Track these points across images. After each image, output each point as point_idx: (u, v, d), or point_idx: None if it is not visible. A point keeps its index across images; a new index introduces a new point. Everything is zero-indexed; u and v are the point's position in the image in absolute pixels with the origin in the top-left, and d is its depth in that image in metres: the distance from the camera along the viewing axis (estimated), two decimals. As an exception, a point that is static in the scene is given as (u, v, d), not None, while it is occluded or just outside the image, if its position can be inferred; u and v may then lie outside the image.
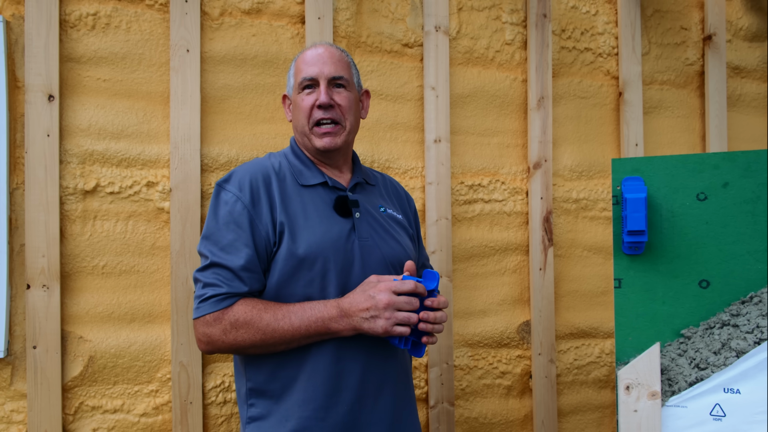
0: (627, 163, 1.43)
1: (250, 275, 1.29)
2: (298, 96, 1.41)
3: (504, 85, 2.22)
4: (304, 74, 1.39)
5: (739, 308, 1.34)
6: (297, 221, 1.32)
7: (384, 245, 1.40)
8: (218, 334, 1.27)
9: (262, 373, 1.33)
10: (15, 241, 1.71)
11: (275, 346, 1.28)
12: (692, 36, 2.44)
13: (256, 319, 1.26)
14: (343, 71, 1.41)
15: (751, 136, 2.50)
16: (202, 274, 1.30)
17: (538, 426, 2.18)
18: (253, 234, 1.29)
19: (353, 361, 1.32)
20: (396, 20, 2.10)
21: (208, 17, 1.90)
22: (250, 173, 1.35)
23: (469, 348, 2.15)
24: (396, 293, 1.24)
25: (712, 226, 1.38)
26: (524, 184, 2.23)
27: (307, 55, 1.41)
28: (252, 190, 1.32)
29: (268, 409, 1.32)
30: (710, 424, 1.29)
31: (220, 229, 1.30)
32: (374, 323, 1.24)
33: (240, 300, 1.28)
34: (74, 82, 1.77)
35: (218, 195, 1.34)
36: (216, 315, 1.27)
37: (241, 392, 1.38)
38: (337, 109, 1.39)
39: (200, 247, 1.33)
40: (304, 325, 1.26)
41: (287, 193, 1.35)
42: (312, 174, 1.40)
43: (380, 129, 2.07)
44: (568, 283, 2.27)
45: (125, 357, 1.79)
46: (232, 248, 1.28)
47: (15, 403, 1.70)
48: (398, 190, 1.61)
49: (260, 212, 1.31)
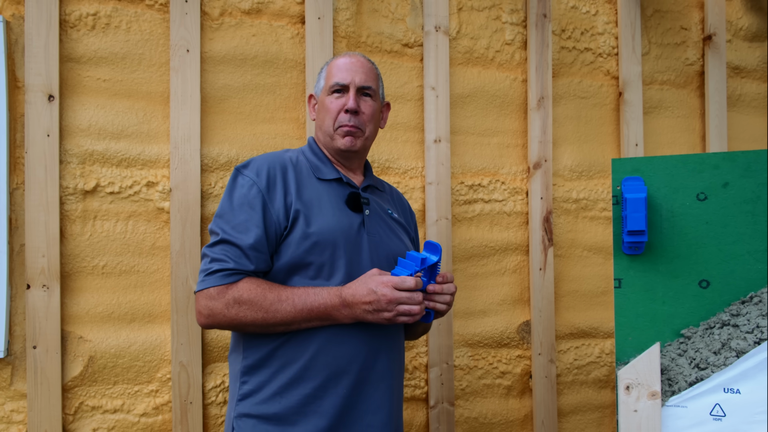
0: (627, 163, 1.42)
1: (258, 255, 1.33)
2: (327, 98, 1.48)
3: (504, 85, 2.22)
4: (337, 79, 1.47)
5: (739, 308, 1.34)
6: (312, 208, 1.38)
7: (390, 242, 1.47)
8: (220, 308, 1.30)
9: (261, 350, 1.36)
10: (15, 241, 1.71)
11: (274, 327, 1.32)
12: (692, 36, 2.44)
13: (260, 298, 1.29)
14: (372, 82, 1.49)
15: (751, 136, 2.49)
16: (211, 249, 1.35)
17: (538, 426, 2.18)
18: (264, 216, 1.34)
19: (359, 346, 1.36)
20: (396, 20, 2.10)
21: (208, 17, 1.90)
22: (269, 161, 1.41)
23: (469, 348, 2.15)
24: (398, 289, 1.28)
25: (712, 226, 1.38)
26: (524, 184, 2.23)
27: (340, 61, 1.49)
28: (269, 177, 1.38)
29: (262, 384, 1.34)
30: (710, 424, 1.29)
31: (234, 209, 1.36)
32: (378, 316, 1.30)
33: (245, 278, 1.32)
34: (74, 82, 1.77)
35: (236, 178, 1.40)
36: (220, 289, 1.30)
37: (235, 370, 1.40)
38: (361, 116, 1.47)
39: (212, 226, 1.38)
40: (306, 309, 1.30)
41: (303, 182, 1.41)
42: (328, 170, 1.47)
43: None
44: (568, 283, 2.27)
45: (125, 357, 1.79)
46: (243, 227, 1.33)
47: (15, 403, 1.70)
48: (403, 203, 1.69)
49: (274, 197, 1.36)
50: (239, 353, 1.40)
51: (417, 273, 1.33)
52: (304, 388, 1.33)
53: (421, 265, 1.33)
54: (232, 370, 1.42)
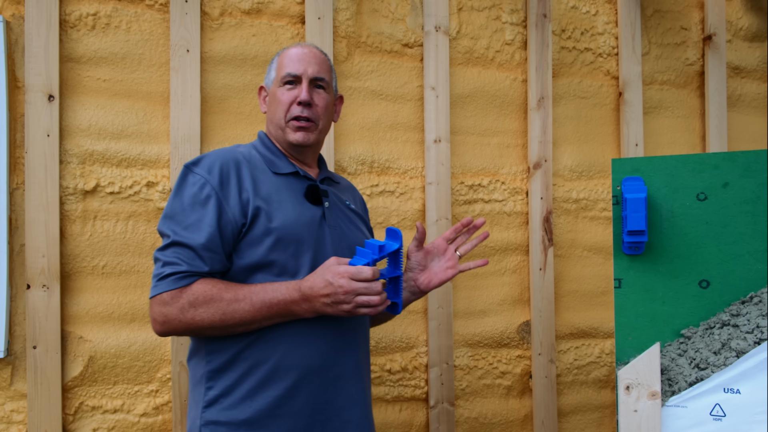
0: (627, 163, 1.42)
1: (212, 255, 1.26)
2: (278, 90, 1.42)
3: (504, 85, 2.22)
4: (288, 69, 1.41)
5: (739, 308, 1.34)
6: (272, 203, 1.32)
7: (351, 234, 1.43)
8: (175, 313, 1.24)
9: (226, 353, 1.29)
10: (15, 241, 1.71)
11: (234, 327, 1.26)
12: (692, 36, 2.44)
13: (216, 298, 1.24)
14: (325, 74, 1.44)
15: (751, 136, 2.49)
16: (162, 253, 1.28)
17: (538, 426, 2.18)
18: (219, 216, 1.27)
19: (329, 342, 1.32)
20: (396, 20, 2.10)
21: (208, 17, 1.90)
22: (221, 158, 1.34)
23: (469, 348, 2.15)
24: (355, 279, 1.23)
25: (712, 226, 1.38)
26: (524, 184, 2.23)
27: (292, 52, 1.44)
28: (221, 174, 1.31)
29: (230, 388, 1.28)
30: (710, 424, 1.29)
31: (184, 209, 1.29)
32: (336, 308, 1.24)
33: (200, 279, 1.25)
34: (74, 82, 1.77)
35: (185, 177, 1.32)
36: (174, 293, 1.24)
37: (198, 375, 1.33)
38: (314, 108, 1.41)
39: (161, 227, 1.30)
40: (266, 306, 1.24)
41: (259, 178, 1.35)
42: (284, 164, 1.41)
43: (380, 129, 2.07)
44: (568, 283, 2.27)
45: (125, 357, 1.79)
46: (194, 228, 1.26)
47: (15, 403, 1.70)
48: (357, 195, 1.64)
49: (228, 195, 1.29)
50: (201, 357, 1.32)
51: (376, 261, 1.27)
52: (275, 389, 1.27)
53: (379, 253, 1.27)
54: (193, 375, 1.35)
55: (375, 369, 2.03)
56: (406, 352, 2.08)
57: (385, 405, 2.05)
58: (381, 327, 2.04)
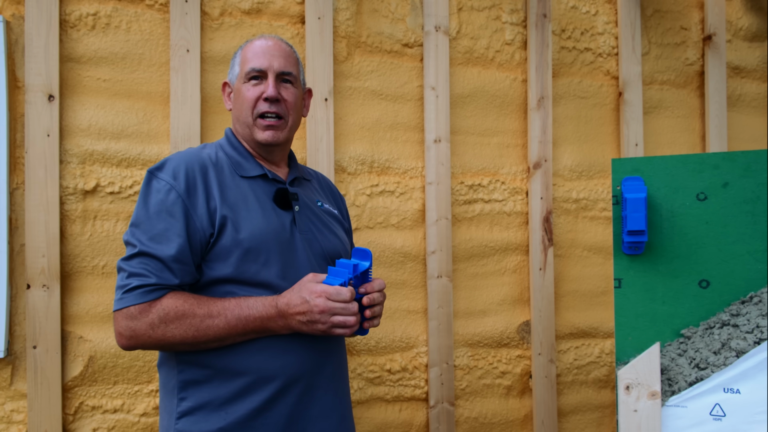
0: (627, 163, 1.43)
1: (182, 267, 1.21)
2: (243, 86, 1.36)
3: (504, 85, 2.22)
4: (253, 64, 1.35)
5: (739, 308, 1.34)
6: (239, 212, 1.27)
7: (323, 239, 1.38)
8: (144, 328, 1.19)
9: (199, 363, 1.25)
10: (15, 241, 1.71)
11: (207, 344, 1.22)
12: (692, 36, 2.44)
13: (188, 314, 1.19)
14: (292, 67, 1.38)
15: (751, 136, 2.50)
16: (127, 263, 1.21)
17: (538, 426, 2.18)
18: (187, 224, 1.22)
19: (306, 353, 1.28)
20: (396, 20, 2.10)
21: (208, 17, 1.90)
22: (186, 162, 1.28)
23: (469, 348, 2.15)
24: (331, 300, 1.20)
25: (712, 226, 1.38)
26: (524, 184, 2.23)
27: (256, 44, 1.37)
28: (188, 179, 1.25)
29: (205, 399, 1.24)
30: (710, 424, 1.29)
31: (150, 218, 1.22)
32: (312, 327, 1.22)
33: (169, 293, 1.20)
34: (74, 82, 1.77)
35: (149, 183, 1.26)
36: (142, 307, 1.18)
37: (170, 384, 1.28)
38: (282, 104, 1.35)
39: (127, 236, 1.24)
40: (242, 323, 1.21)
41: (226, 183, 1.29)
42: (251, 166, 1.36)
43: (380, 129, 2.07)
44: (568, 283, 2.27)
45: (125, 357, 1.79)
46: (162, 238, 1.21)
47: (15, 403, 1.70)
48: (331, 188, 1.60)
49: (196, 203, 1.24)
50: (173, 367, 1.27)
51: (350, 281, 1.24)
52: (250, 402, 1.23)
53: (353, 272, 1.25)
54: (165, 384, 1.30)
55: (375, 369, 2.03)
56: (406, 352, 2.08)
57: (385, 405, 2.05)
58: (381, 327, 2.04)
